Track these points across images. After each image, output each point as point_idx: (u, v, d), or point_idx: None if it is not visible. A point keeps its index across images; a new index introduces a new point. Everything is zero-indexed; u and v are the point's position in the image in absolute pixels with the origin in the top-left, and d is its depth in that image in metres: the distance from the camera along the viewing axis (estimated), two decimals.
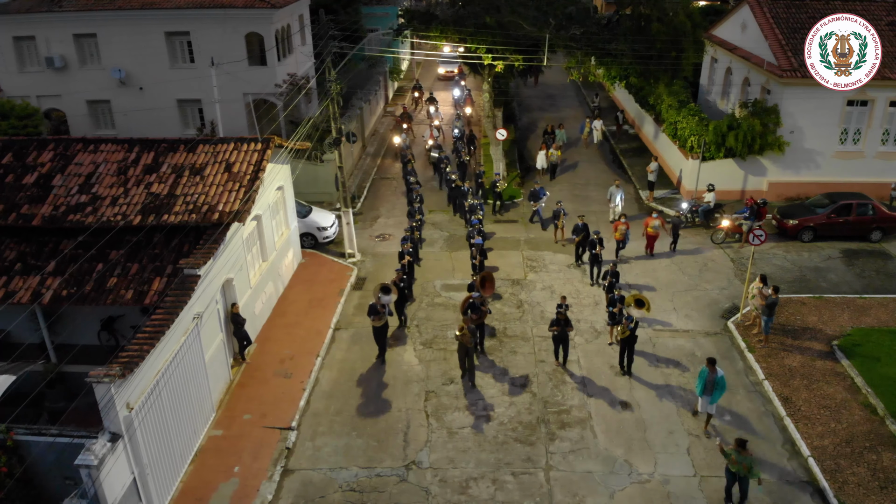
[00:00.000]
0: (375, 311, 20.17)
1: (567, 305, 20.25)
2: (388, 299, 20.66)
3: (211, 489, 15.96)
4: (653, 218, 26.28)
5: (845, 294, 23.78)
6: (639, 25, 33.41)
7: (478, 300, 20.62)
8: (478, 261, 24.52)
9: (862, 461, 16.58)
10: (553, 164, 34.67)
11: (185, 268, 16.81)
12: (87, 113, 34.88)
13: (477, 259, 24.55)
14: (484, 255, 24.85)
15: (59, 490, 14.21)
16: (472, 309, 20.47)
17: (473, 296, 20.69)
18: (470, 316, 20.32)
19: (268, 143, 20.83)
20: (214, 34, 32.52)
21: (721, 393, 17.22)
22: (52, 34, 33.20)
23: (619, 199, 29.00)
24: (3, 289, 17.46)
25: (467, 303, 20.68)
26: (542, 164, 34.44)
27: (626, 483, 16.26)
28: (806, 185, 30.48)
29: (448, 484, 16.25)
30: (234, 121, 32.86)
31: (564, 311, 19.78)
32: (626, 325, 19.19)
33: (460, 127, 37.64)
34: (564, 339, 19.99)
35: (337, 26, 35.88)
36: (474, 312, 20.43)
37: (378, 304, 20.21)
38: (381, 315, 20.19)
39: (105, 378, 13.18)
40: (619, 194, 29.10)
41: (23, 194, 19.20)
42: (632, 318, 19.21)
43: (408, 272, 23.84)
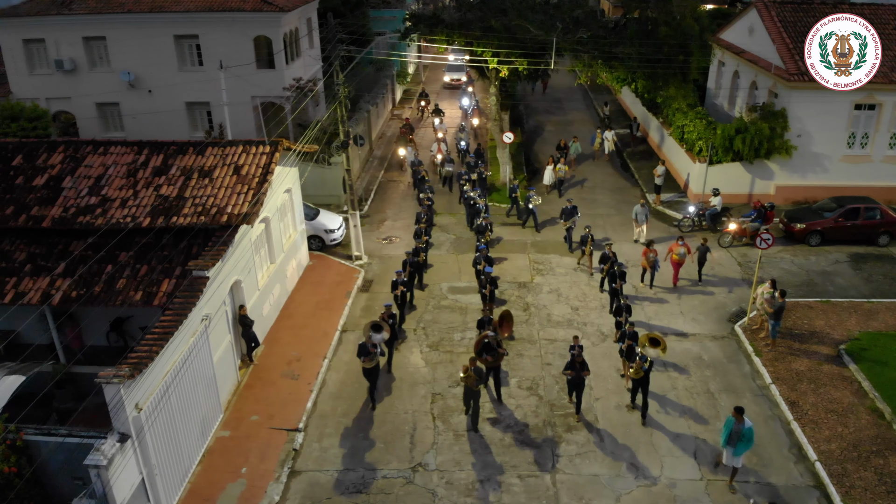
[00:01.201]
0: (366, 352, 18.34)
1: (582, 346, 18.49)
2: (379, 338, 18.88)
3: (218, 490, 16.04)
4: (678, 244, 24.01)
5: (853, 298, 23.74)
6: (646, 29, 33.41)
7: (493, 340, 18.64)
8: (488, 290, 22.61)
9: (869, 465, 16.55)
10: (560, 180, 33.34)
11: (193, 269, 16.91)
12: (96, 115, 35.08)
13: (487, 289, 22.62)
14: (495, 284, 23.03)
15: (68, 490, 14.30)
16: (486, 350, 18.60)
17: (489, 335, 18.76)
18: (485, 357, 18.52)
19: (276, 146, 20.95)
20: (223, 37, 32.69)
21: (748, 446, 15.65)
22: (61, 37, 33.43)
23: (645, 218, 27.37)
24: (14, 290, 17.61)
25: (481, 342, 18.80)
26: (550, 179, 33.04)
27: (633, 486, 16.27)
28: (813, 188, 30.43)
29: (454, 486, 16.29)
30: (243, 123, 33.03)
31: (580, 353, 17.95)
32: (640, 365, 17.63)
33: (466, 139, 36.85)
34: (580, 383, 18.07)
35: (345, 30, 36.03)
36: (489, 354, 18.57)
37: (369, 343, 18.47)
38: (373, 355, 18.42)
39: (115, 379, 13.27)
40: (645, 213, 27.42)
41: (33, 196, 19.35)
42: (646, 357, 17.69)
43: (401, 303, 22.56)
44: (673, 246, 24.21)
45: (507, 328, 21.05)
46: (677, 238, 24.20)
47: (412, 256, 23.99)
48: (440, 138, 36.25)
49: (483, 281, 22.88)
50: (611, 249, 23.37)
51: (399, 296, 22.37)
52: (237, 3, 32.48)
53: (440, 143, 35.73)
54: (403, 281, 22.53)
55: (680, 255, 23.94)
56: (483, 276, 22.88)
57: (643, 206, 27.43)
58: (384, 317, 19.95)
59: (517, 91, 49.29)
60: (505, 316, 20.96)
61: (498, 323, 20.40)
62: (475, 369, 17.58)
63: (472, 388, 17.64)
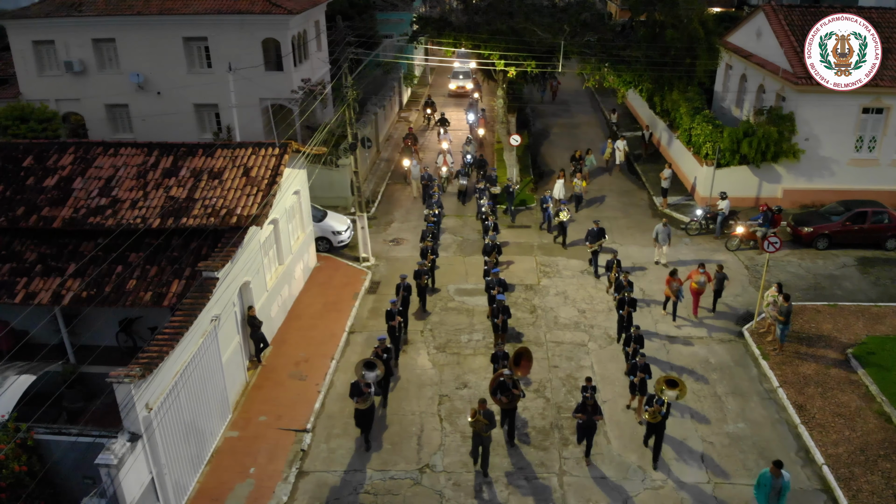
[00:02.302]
0: (359, 392, 16.97)
1: (595, 388, 16.96)
2: (373, 377, 17.29)
3: (227, 490, 16.12)
4: (698, 272, 22.36)
5: (860, 302, 23.71)
6: (653, 32, 33.46)
7: (509, 380, 17.07)
8: (500, 321, 20.77)
9: (876, 469, 16.55)
10: (578, 196, 31.36)
11: (203, 270, 17.01)
12: (106, 117, 35.26)
13: (500, 319, 20.77)
14: (508, 313, 20.90)
15: (79, 489, 14.39)
16: (501, 390, 17.07)
17: (504, 373, 17.19)
18: (499, 398, 17.08)
19: (285, 148, 21.05)
20: (232, 39, 32.84)
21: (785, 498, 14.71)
22: (71, 39, 33.62)
23: (667, 238, 25.74)
24: (24, 290, 17.74)
25: (497, 382, 17.24)
26: (560, 192, 30.50)
27: (640, 489, 16.29)
28: (821, 192, 30.39)
29: (461, 488, 16.34)
30: (251, 126, 33.15)
31: (592, 396, 16.57)
32: (658, 409, 16.35)
33: (472, 152, 35.28)
34: (591, 428, 16.67)
35: (352, 32, 36.20)
36: (504, 394, 17.06)
37: (362, 382, 17.01)
38: (367, 396, 16.97)
39: (125, 379, 13.36)
40: (667, 233, 25.70)
41: (43, 197, 19.49)
42: (662, 401, 16.42)
43: (397, 335, 20.89)
44: (692, 273, 22.65)
45: (525, 368, 18.42)
46: (697, 265, 22.64)
47: (416, 277, 22.88)
48: (445, 149, 34.96)
49: (495, 309, 21.05)
50: (626, 278, 21.88)
51: (395, 327, 20.72)
52: (246, 6, 32.62)
53: (445, 154, 34.55)
54: (399, 311, 20.95)
55: (699, 283, 22.44)
56: (495, 305, 21.10)
57: (665, 225, 25.72)
58: (378, 351, 18.52)
59: (524, 94, 49.33)
60: (523, 353, 18.43)
61: (514, 361, 18.30)
62: (485, 412, 16.07)
63: (482, 434, 16.17)
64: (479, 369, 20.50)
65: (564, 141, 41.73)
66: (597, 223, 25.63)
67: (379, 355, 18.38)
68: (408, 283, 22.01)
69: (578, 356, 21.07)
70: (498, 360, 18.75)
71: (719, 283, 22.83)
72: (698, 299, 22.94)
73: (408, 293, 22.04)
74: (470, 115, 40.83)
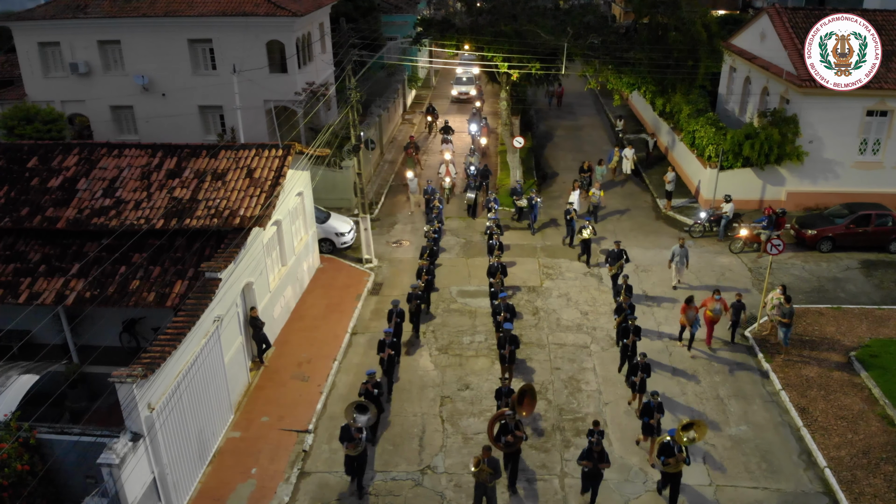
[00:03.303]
0: (349, 437, 15.65)
1: (602, 433, 15.62)
2: (364, 420, 15.98)
3: (229, 490, 16.15)
4: (713, 299, 21.02)
5: (864, 305, 23.65)
6: (656, 35, 33.47)
7: (511, 420, 15.86)
8: (507, 351, 19.47)
9: (878, 472, 16.50)
10: (594, 206, 30.21)
11: (206, 271, 17.06)
12: (111, 118, 35.41)
13: (507, 350, 19.47)
14: (516, 343, 19.78)
15: (81, 488, 14.45)
16: (503, 432, 15.85)
17: (506, 413, 15.94)
18: (503, 441, 15.83)
19: (288, 150, 21.11)
20: (236, 42, 32.95)
21: None
22: (76, 40, 33.80)
23: (684, 261, 24.22)
24: (28, 290, 17.82)
25: (498, 421, 16.03)
26: (577, 201, 29.28)
27: (641, 491, 16.28)
28: (825, 195, 30.34)
29: (463, 489, 16.34)
30: (255, 127, 33.25)
31: (599, 442, 15.34)
32: (681, 458, 15.09)
33: (476, 163, 33.99)
34: (597, 476, 15.42)
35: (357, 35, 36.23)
36: (506, 436, 15.82)
37: (353, 426, 15.74)
38: (358, 441, 15.66)
39: (128, 378, 13.42)
40: (684, 255, 24.15)
41: (48, 197, 19.59)
42: (682, 448, 15.23)
43: (388, 367, 19.49)
44: (707, 301, 21.20)
45: (529, 407, 16.88)
46: (712, 292, 21.34)
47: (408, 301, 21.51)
48: (448, 160, 33.65)
49: (502, 339, 19.75)
50: (626, 301, 20.96)
51: (386, 360, 19.32)
52: (251, 8, 32.74)
53: (448, 164, 33.27)
54: (393, 342, 19.38)
55: (714, 311, 21.02)
56: (502, 333, 19.84)
57: (683, 246, 24.08)
58: (368, 387, 17.32)
59: (528, 96, 49.34)
60: (527, 391, 16.90)
61: (517, 399, 16.84)
62: (489, 460, 14.86)
63: (486, 484, 14.99)
64: (482, 371, 20.52)
65: (568, 143, 41.74)
66: (617, 244, 24.32)
67: (369, 391, 17.25)
68: (400, 308, 20.75)
69: (581, 358, 21.07)
70: (502, 397, 17.39)
71: (737, 312, 21.48)
72: (712, 328, 21.52)
73: (401, 319, 20.73)
74: (472, 125, 39.66)
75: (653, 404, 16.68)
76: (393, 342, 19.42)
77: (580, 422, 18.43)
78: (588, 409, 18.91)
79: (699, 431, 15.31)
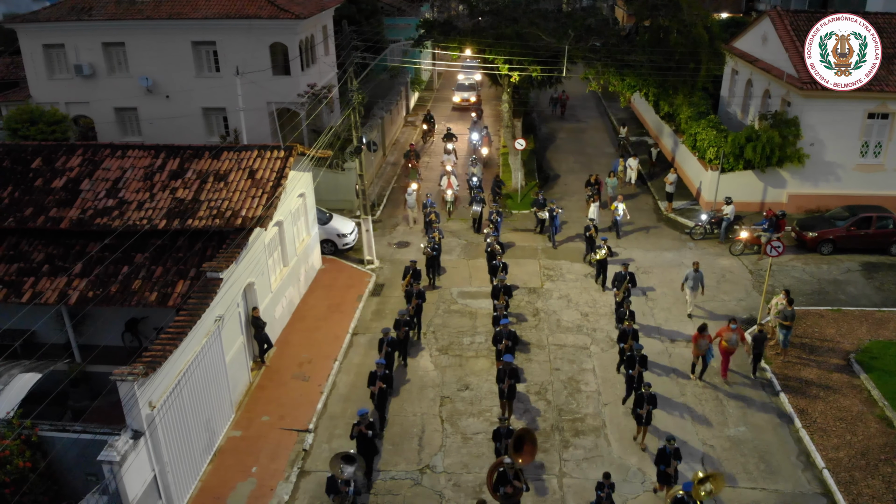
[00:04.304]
0: (336, 489, 14.76)
1: (613, 485, 14.93)
2: (351, 472, 14.81)
3: (229, 488, 16.26)
4: (729, 329, 19.57)
5: (864, 307, 23.68)
6: (658, 37, 33.55)
7: (510, 470, 14.71)
8: (506, 385, 17.95)
9: (877, 474, 16.54)
10: (616, 221, 28.89)
11: (208, 271, 17.18)
12: (115, 120, 35.59)
13: (506, 384, 17.93)
14: (516, 377, 18.23)
15: (82, 486, 14.55)
16: (501, 481, 14.69)
17: (505, 462, 14.74)
18: (502, 493, 14.72)
19: (290, 151, 21.24)
20: (240, 44, 33.12)
21: None
22: (81, 42, 33.98)
23: (698, 285, 22.64)
24: (31, 289, 17.96)
25: (496, 471, 14.81)
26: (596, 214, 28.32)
27: (639, 491, 16.34)
28: (826, 197, 30.38)
29: (461, 488, 16.42)
30: (258, 129, 33.39)
31: (609, 497, 14.72)
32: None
33: (479, 175, 32.86)
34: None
35: (359, 37, 36.34)
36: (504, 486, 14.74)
37: (339, 478, 14.73)
38: (344, 495, 14.74)
39: (129, 376, 13.53)
40: (698, 280, 22.58)
41: (51, 198, 19.74)
42: None
43: (380, 402, 18.19)
44: (722, 330, 19.72)
45: (529, 454, 15.30)
46: (728, 321, 19.98)
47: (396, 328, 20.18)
48: (449, 171, 32.15)
49: (501, 371, 17.99)
50: (630, 323, 19.94)
51: (377, 394, 17.87)
52: (254, 11, 32.91)
53: (449, 176, 31.65)
54: (385, 374, 17.94)
55: (730, 341, 19.56)
56: (502, 366, 18.08)
57: (697, 270, 22.63)
58: (362, 429, 16.06)
59: (531, 98, 49.44)
60: (525, 436, 15.34)
61: (515, 445, 15.26)
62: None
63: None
64: (481, 371, 20.60)
65: (571, 146, 41.84)
66: (625, 266, 22.72)
67: (363, 434, 16.07)
68: (392, 337, 19.55)
69: (580, 359, 21.14)
70: (500, 439, 16.33)
71: (759, 343, 20.03)
72: (728, 360, 20.01)
73: (393, 348, 19.56)
74: (474, 134, 38.70)
75: (669, 450, 15.47)
76: (385, 374, 18.04)
77: (579, 422, 18.51)
78: (587, 409, 18.99)
79: (716, 484, 14.46)
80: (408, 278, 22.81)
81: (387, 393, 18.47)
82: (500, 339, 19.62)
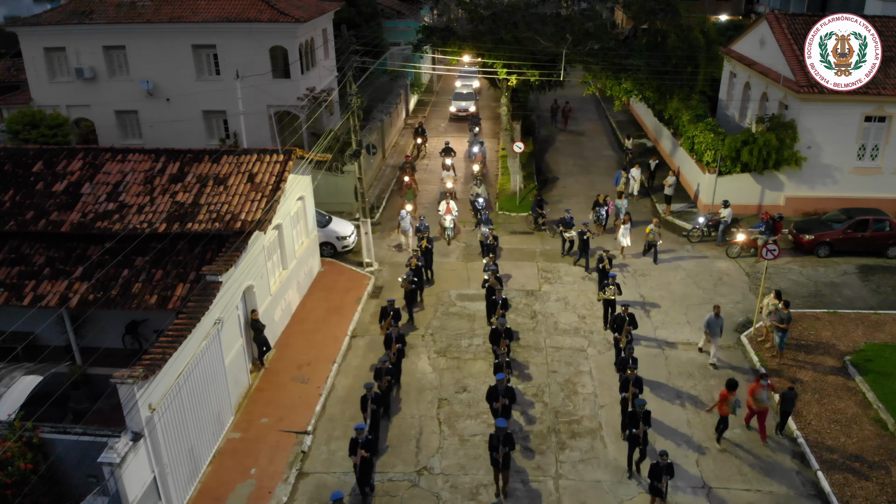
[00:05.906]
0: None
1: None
2: None
3: (228, 490, 16.40)
4: (760, 385, 17.48)
5: (860, 310, 23.80)
6: (656, 41, 33.71)
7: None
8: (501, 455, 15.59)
9: (871, 476, 16.66)
10: (650, 244, 27.20)
11: (207, 274, 17.33)
12: (115, 123, 35.80)
13: (500, 453, 15.56)
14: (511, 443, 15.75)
15: (82, 487, 14.69)
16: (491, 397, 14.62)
17: None
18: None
19: (289, 155, 21.40)
20: (240, 47, 33.32)
21: None
22: (82, 46, 34.19)
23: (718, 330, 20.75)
24: (32, 292, 18.12)
25: None
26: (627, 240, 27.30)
27: (635, 493, 16.45)
28: (823, 200, 30.51)
29: (459, 490, 16.55)
30: (258, 132, 33.58)
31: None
32: None
33: (484, 195, 31.08)
34: None
35: (359, 41, 36.54)
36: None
37: None
38: None
39: (129, 379, 13.69)
40: (719, 325, 20.71)
41: (52, 201, 19.90)
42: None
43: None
44: (753, 387, 17.77)
45: None
46: (757, 377, 17.87)
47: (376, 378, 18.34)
48: (449, 188, 30.57)
49: (494, 438, 15.69)
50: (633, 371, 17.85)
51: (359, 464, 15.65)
52: (254, 14, 33.11)
53: (448, 198, 29.53)
54: (367, 440, 15.63)
55: (761, 400, 17.56)
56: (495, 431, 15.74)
57: (718, 316, 20.64)
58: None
59: (530, 101, 49.57)
60: None
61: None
62: None
63: None
64: (479, 374, 20.73)
65: (570, 148, 41.98)
66: (625, 307, 20.72)
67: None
68: (376, 392, 17.42)
69: (577, 361, 21.27)
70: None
71: (788, 402, 18.02)
72: (765, 422, 17.92)
73: (378, 405, 17.58)
74: (474, 147, 37.37)
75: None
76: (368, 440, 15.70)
77: (575, 424, 18.64)
78: (584, 411, 19.12)
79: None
80: (387, 321, 20.41)
81: (371, 461, 16.11)
82: (497, 396, 17.21)
